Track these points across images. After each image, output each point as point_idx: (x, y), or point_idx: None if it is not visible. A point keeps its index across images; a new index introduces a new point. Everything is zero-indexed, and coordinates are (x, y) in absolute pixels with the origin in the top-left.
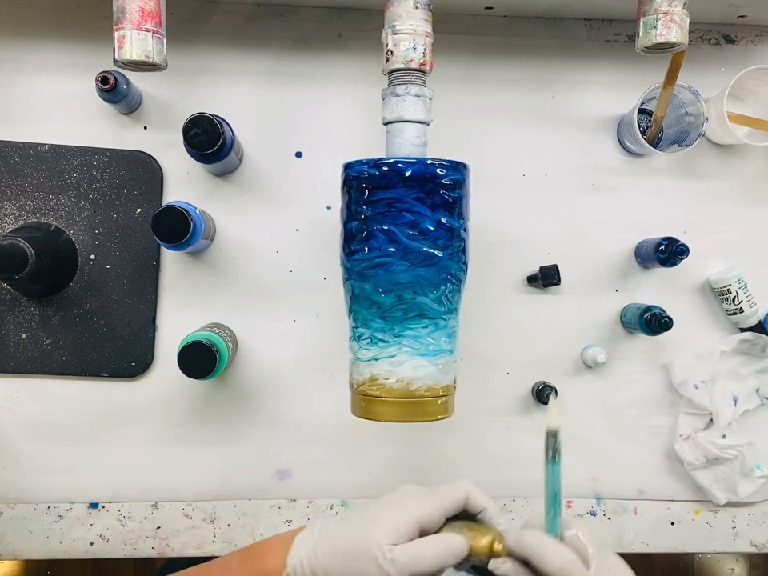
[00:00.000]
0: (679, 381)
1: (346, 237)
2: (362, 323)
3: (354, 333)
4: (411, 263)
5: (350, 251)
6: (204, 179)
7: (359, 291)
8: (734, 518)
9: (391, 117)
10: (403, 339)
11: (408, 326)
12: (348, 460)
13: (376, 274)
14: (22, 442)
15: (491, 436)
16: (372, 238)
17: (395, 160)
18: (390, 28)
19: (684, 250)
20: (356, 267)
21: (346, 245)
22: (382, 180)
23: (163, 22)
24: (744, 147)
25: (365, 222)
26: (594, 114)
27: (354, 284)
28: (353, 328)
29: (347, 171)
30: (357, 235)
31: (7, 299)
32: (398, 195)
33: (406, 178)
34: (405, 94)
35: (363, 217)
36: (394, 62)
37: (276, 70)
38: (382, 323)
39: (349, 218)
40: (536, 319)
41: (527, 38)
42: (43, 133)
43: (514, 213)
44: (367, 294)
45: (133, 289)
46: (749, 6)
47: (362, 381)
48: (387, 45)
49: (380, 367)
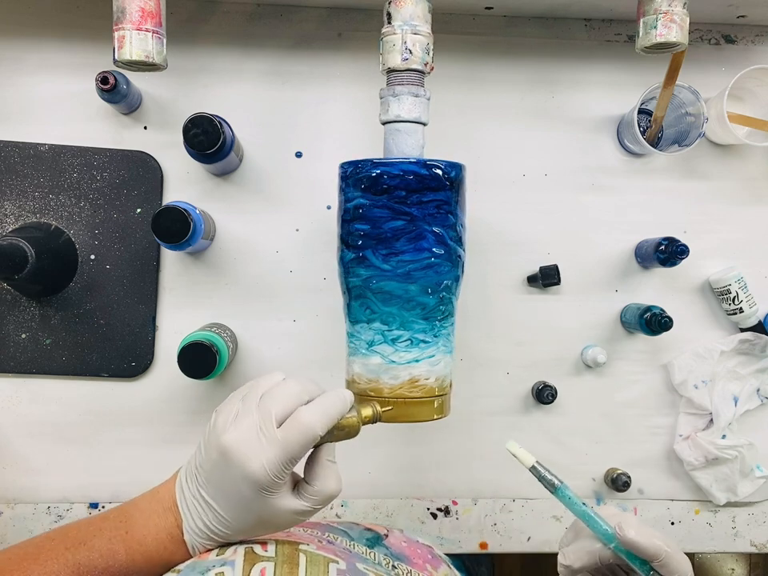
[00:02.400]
0: (679, 381)
1: (382, 238)
2: (399, 325)
3: (385, 336)
4: (453, 264)
5: (391, 252)
6: (204, 179)
7: (401, 292)
8: (733, 518)
9: (388, 117)
10: (440, 339)
11: (444, 325)
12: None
13: (425, 275)
14: (21, 441)
15: (491, 436)
16: (422, 238)
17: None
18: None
19: (684, 250)
20: (400, 269)
21: (382, 246)
22: (432, 181)
23: (163, 22)
24: (744, 147)
25: (413, 223)
26: (594, 114)
27: (393, 285)
28: (384, 332)
29: (385, 169)
30: (402, 236)
31: (7, 299)
32: (445, 197)
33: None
34: (402, 94)
35: (410, 218)
36: (393, 62)
37: (276, 69)
38: (424, 324)
39: (390, 219)
40: (536, 319)
41: (527, 38)
42: (43, 133)
43: (514, 213)
44: (412, 296)
45: (133, 289)
46: (749, 5)
47: (399, 384)
48: (386, 44)
49: (421, 368)
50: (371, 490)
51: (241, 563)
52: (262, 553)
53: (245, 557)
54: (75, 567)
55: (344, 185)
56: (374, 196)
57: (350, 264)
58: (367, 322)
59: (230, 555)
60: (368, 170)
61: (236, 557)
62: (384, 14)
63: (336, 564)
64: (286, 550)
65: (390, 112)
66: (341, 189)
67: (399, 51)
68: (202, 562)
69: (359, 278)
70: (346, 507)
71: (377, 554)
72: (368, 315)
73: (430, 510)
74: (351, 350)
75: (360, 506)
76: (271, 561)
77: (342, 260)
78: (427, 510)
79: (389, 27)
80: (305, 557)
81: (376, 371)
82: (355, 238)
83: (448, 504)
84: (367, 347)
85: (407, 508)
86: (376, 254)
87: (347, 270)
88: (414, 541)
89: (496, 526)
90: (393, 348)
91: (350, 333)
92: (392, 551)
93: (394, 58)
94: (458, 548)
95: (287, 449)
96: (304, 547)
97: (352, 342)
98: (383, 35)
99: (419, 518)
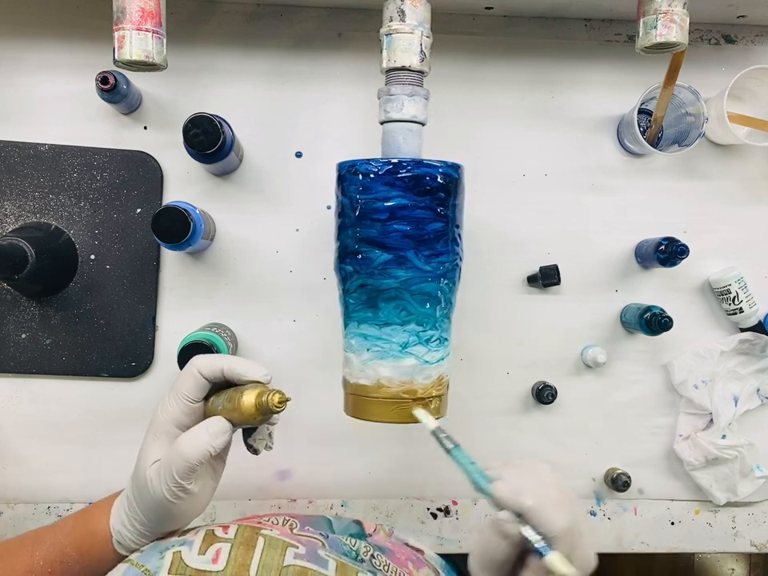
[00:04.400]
0: (679, 381)
1: (425, 239)
2: (433, 326)
3: (420, 337)
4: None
5: (433, 254)
6: (204, 179)
7: (437, 293)
8: (733, 518)
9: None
10: (450, 337)
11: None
12: (348, 460)
13: (454, 275)
14: (21, 441)
15: (491, 436)
16: (453, 240)
17: None
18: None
19: (684, 250)
20: (440, 270)
21: (424, 247)
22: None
23: (163, 22)
24: (744, 147)
25: (448, 225)
26: (594, 114)
27: (432, 287)
28: (419, 333)
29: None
30: (441, 237)
31: (7, 299)
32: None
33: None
34: (401, 94)
35: (447, 220)
36: (408, 61)
37: (276, 69)
38: (448, 322)
39: (432, 220)
40: (536, 319)
41: (527, 38)
42: (43, 133)
43: (514, 213)
44: (447, 296)
45: (133, 289)
46: (749, 5)
47: (430, 383)
48: (399, 42)
49: (445, 366)
50: (371, 490)
51: (198, 543)
52: (222, 535)
53: (204, 538)
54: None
55: (375, 184)
56: (416, 197)
57: (385, 265)
58: (401, 324)
59: (190, 536)
60: (411, 169)
61: (195, 537)
62: (395, 9)
63: (295, 549)
64: (246, 533)
65: (393, 112)
66: (365, 187)
67: (416, 52)
68: (164, 542)
69: (396, 279)
70: (346, 507)
71: (358, 542)
72: (403, 317)
73: (430, 510)
74: (376, 354)
75: (360, 505)
76: (228, 542)
77: (371, 262)
78: (427, 509)
79: (403, 24)
80: (263, 540)
81: (410, 373)
82: (394, 239)
83: (448, 504)
84: (401, 349)
85: (407, 508)
86: (419, 255)
87: (379, 271)
88: (401, 543)
89: None
90: (426, 348)
91: (374, 336)
92: (374, 543)
93: (410, 57)
94: (457, 548)
95: (171, 475)
96: (266, 532)
97: (377, 346)
98: (395, 31)
99: (419, 518)
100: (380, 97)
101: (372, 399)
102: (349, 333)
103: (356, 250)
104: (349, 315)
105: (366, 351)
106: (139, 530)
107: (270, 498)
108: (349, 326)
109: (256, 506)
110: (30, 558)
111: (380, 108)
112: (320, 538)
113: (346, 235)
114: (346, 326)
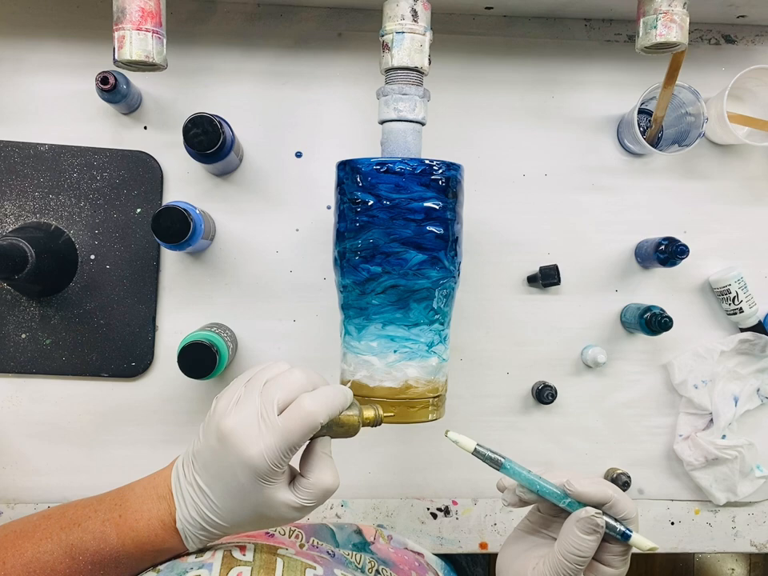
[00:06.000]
0: (679, 381)
1: (451, 240)
2: (448, 324)
3: (441, 336)
4: None
5: (455, 254)
6: (204, 179)
7: (454, 292)
8: (733, 518)
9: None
10: None
11: None
12: (348, 460)
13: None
14: (22, 441)
15: (491, 436)
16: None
17: None
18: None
19: (684, 250)
20: (458, 270)
21: (450, 248)
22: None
23: (163, 22)
24: (744, 147)
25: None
26: (594, 114)
27: (452, 286)
28: (440, 331)
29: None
30: (459, 238)
31: (7, 299)
32: None
33: None
34: (414, 95)
35: (461, 222)
36: (420, 62)
37: (276, 69)
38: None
39: (455, 222)
40: (536, 319)
41: (527, 38)
42: (43, 133)
43: (514, 213)
44: (455, 295)
45: (133, 289)
46: (749, 5)
47: (444, 381)
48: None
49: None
50: (371, 490)
51: (218, 566)
52: (240, 557)
53: (222, 560)
54: (68, 548)
55: (411, 183)
56: (446, 198)
57: (420, 266)
58: (429, 324)
59: (208, 558)
60: (444, 172)
61: (214, 560)
62: (409, 8)
63: (313, 570)
64: (264, 554)
65: (407, 111)
66: (400, 186)
67: (426, 53)
68: (181, 563)
69: (429, 279)
70: (346, 507)
71: (362, 557)
72: (431, 317)
73: (430, 509)
74: (404, 355)
75: (360, 505)
76: (248, 565)
77: (406, 262)
78: (427, 509)
79: (416, 25)
80: (282, 562)
81: (434, 371)
82: (429, 240)
83: (448, 504)
84: (427, 349)
85: (407, 508)
86: (447, 256)
87: (414, 272)
88: (401, 548)
89: (496, 526)
90: (444, 346)
91: (403, 337)
92: (378, 556)
93: (422, 59)
94: (458, 548)
95: (287, 436)
96: (282, 552)
97: (405, 347)
98: (410, 30)
99: (419, 518)
100: (387, 95)
101: (401, 401)
102: (366, 335)
103: (389, 251)
104: (369, 317)
105: (393, 353)
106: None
107: None
108: (367, 329)
109: None
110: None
111: (386, 107)
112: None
113: (372, 235)
114: (362, 329)
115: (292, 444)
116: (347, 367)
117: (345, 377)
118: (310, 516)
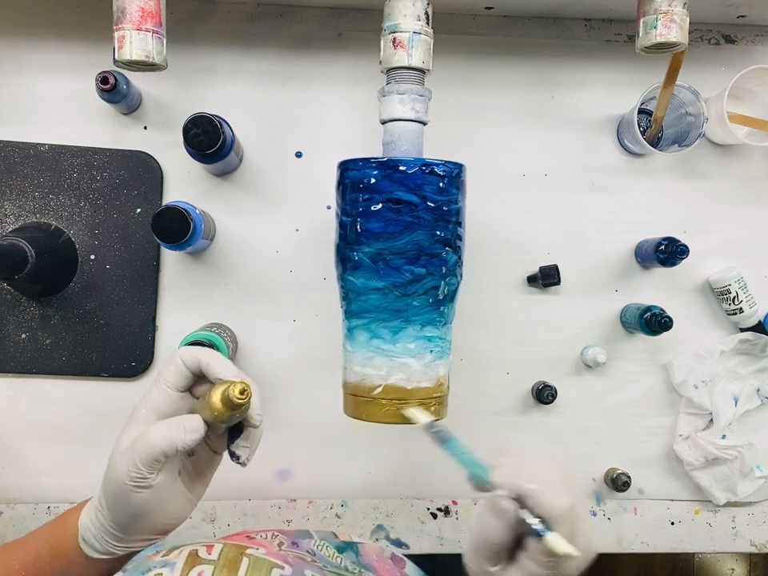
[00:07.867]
0: (679, 381)
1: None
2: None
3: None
4: None
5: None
6: (204, 179)
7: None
8: (733, 518)
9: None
10: None
11: None
12: (348, 460)
13: None
14: (22, 442)
15: (491, 436)
16: None
17: None
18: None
19: (684, 250)
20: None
21: (459, 247)
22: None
23: (163, 22)
24: (744, 147)
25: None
26: (594, 114)
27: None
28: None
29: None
30: (463, 238)
31: (7, 299)
32: None
33: None
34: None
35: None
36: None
37: (276, 70)
38: None
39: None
40: (536, 319)
41: (527, 38)
42: (43, 133)
43: (514, 213)
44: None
45: (133, 289)
46: (749, 5)
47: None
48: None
49: None
50: (371, 490)
51: (181, 565)
52: (205, 556)
53: (187, 559)
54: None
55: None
56: (463, 199)
57: (455, 266)
58: (451, 322)
59: (173, 557)
60: (463, 175)
61: (178, 559)
62: (423, 9)
63: (280, 569)
64: (231, 553)
65: (411, 111)
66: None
67: (432, 56)
68: (147, 562)
69: (458, 278)
70: (346, 507)
71: (344, 559)
72: (453, 315)
73: (430, 509)
74: (437, 354)
75: (360, 505)
76: (211, 564)
77: (446, 263)
78: (427, 509)
79: (428, 28)
80: (247, 560)
81: (450, 367)
82: (458, 240)
83: (448, 504)
84: (449, 346)
85: (407, 508)
86: (459, 255)
87: (451, 272)
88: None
89: None
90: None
91: (437, 337)
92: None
93: (431, 62)
94: (458, 548)
95: (134, 459)
96: (251, 551)
97: (438, 347)
98: (425, 33)
99: (419, 518)
100: (403, 93)
101: (434, 399)
102: (404, 337)
103: (433, 252)
104: (408, 319)
105: (429, 353)
106: (103, 525)
107: (270, 498)
108: (405, 331)
109: (256, 505)
110: (8, 563)
111: (401, 105)
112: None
113: (417, 236)
114: (399, 331)
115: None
116: (376, 372)
117: (374, 381)
118: (309, 518)
